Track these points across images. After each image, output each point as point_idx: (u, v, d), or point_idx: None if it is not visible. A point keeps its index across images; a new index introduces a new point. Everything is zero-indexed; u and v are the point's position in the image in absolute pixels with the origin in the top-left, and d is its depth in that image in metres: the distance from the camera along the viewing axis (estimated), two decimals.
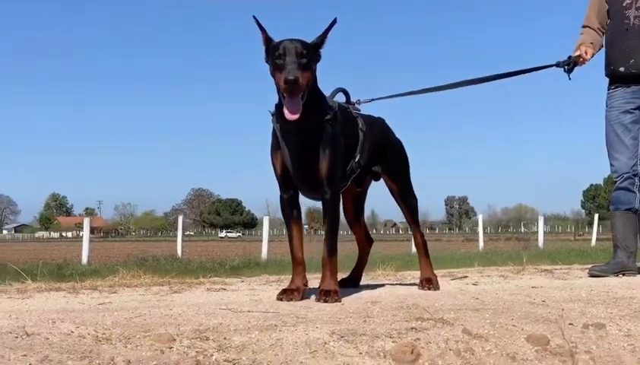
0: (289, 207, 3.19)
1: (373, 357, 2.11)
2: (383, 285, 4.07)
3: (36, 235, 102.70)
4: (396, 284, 4.17)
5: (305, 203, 3.35)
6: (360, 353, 2.13)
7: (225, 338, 2.17)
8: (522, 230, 54.68)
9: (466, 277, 4.69)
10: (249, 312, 2.66)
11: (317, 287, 3.12)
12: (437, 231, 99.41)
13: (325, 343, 2.16)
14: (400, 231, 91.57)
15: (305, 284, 3.15)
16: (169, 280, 4.14)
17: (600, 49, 4.88)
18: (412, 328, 2.33)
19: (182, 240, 15.37)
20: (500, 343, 2.30)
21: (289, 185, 3.15)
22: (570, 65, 4.73)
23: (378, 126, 3.65)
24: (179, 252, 13.78)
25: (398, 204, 3.75)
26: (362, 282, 4.37)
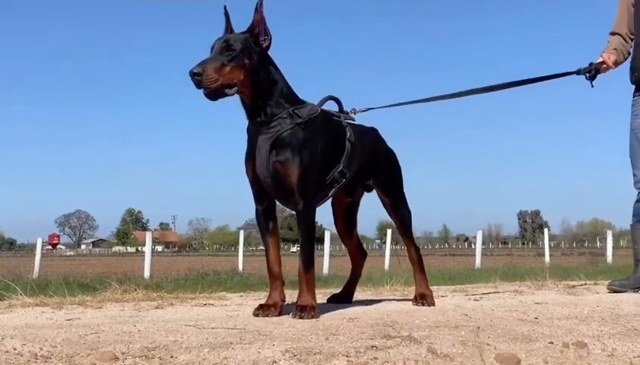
0: (265, 218, 3.09)
1: None
2: (379, 301, 3.91)
3: (113, 249, 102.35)
4: (393, 300, 4.01)
5: None
6: None
7: (172, 356, 2.07)
8: (598, 245, 52.68)
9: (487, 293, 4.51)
10: (213, 328, 2.56)
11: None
12: (510, 246, 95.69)
13: (274, 362, 2.04)
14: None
15: (283, 299, 3.04)
16: (162, 295, 4.06)
17: (628, 56, 4.61)
18: (372, 347, 2.19)
19: (244, 255, 16.59)
20: (466, 363, 2.15)
21: (263, 195, 3.04)
22: (592, 71, 4.46)
23: (369, 137, 3.52)
24: (240, 266, 13.94)
25: (391, 217, 3.61)
26: (364, 297, 4.22)
